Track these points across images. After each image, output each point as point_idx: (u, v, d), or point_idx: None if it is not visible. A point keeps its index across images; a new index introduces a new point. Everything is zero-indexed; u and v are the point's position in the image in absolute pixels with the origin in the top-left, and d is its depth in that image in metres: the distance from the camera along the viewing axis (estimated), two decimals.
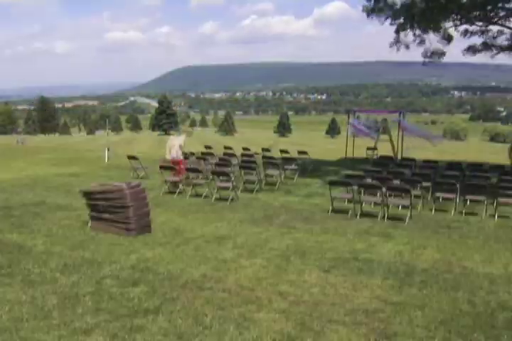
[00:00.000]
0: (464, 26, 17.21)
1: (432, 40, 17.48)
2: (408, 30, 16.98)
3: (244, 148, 17.20)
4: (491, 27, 17.15)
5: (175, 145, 11.45)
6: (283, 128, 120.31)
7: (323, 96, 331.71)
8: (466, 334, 4.06)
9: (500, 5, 16.04)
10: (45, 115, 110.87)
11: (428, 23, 15.98)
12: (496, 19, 16.73)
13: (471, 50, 17.92)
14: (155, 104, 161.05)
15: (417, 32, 17.04)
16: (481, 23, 17.13)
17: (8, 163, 16.19)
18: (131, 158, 13.24)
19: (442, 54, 18.02)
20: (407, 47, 17.53)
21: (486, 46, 17.55)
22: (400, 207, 9.41)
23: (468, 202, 9.67)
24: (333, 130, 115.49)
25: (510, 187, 9.76)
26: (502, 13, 16.44)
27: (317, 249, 6.51)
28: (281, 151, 16.04)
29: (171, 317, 4.23)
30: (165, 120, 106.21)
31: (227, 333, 3.95)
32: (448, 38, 17.27)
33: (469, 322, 4.29)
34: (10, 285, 4.93)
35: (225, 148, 17.11)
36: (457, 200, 9.62)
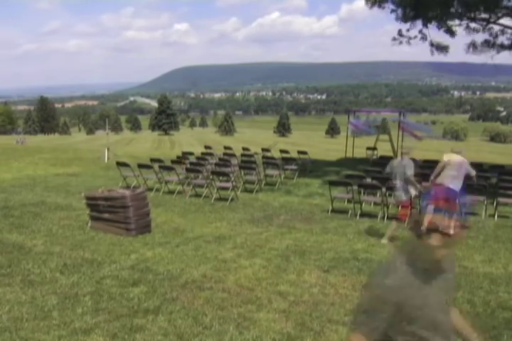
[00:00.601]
0: (466, 22, 17.17)
1: (434, 35, 17.48)
2: (410, 25, 16.93)
3: (244, 148, 17.19)
4: (492, 26, 17.12)
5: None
6: (283, 128, 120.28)
7: (323, 96, 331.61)
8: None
9: (500, 4, 16.01)
10: (45, 115, 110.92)
11: (430, 19, 15.94)
12: (496, 19, 16.71)
13: (472, 47, 17.86)
14: (155, 104, 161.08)
15: (420, 28, 17.01)
16: (481, 22, 17.11)
17: (8, 163, 16.18)
18: (121, 164, 11.61)
19: (446, 48, 17.95)
20: (409, 42, 17.48)
21: (488, 44, 17.50)
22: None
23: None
24: (333, 130, 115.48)
25: (510, 187, 9.76)
26: (502, 13, 16.42)
27: (317, 249, 6.51)
28: (281, 151, 16.04)
29: (171, 317, 4.23)
30: (165, 120, 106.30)
31: (227, 333, 3.95)
32: (450, 32, 17.21)
33: (469, 322, 4.29)
34: (10, 285, 4.94)
35: (225, 148, 17.10)
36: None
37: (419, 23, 16.81)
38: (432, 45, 17.65)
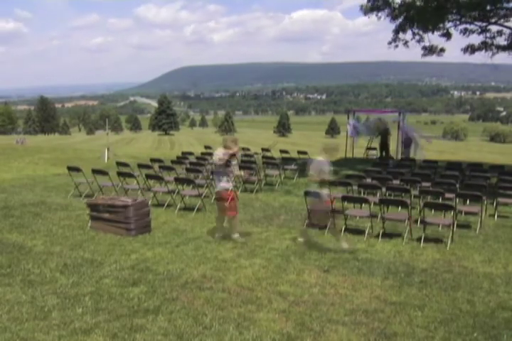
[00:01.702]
0: (464, 25, 17.21)
1: (431, 37, 17.54)
2: (407, 29, 16.98)
3: (244, 148, 17.18)
4: (490, 27, 17.14)
5: None
6: (283, 128, 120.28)
7: (323, 96, 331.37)
8: (466, 334, 4.06)
9: (499, 5, 16.02)
10: (45, 115, 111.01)
11: (427, 23, 15.97)
12: (495, 19, 16.71)
13: (470, 49, 17.89)
14: (155, 104, 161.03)
15: (416, 30, 17.05)
16: (480, 23, 17.11)
17: (8, 163, 16.17)
18: (120, 163, 11.33)
19: (442, 50, 17.99)
20: (406, 44, 17.52)
21: (485, 45, 17.53)
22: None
23: (468, 202, 9.66)
24: (333, 130, 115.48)
25: (510, 187, 9.76)
26: (501, 13, 16.43)
27: (317, 249, 6.51)
28: (281, 151, 16.03)
29: (171, 317, 4.23)
30: (165, 120, 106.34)
31: (227, 333, 3.95)
32: (447, 35, 17.26)
33: (469, 322, 4.29)
34: (10, 285, 4.94)
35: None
36: (457, 200, 9.60)
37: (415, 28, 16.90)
38: (425, 48, 17.72)
